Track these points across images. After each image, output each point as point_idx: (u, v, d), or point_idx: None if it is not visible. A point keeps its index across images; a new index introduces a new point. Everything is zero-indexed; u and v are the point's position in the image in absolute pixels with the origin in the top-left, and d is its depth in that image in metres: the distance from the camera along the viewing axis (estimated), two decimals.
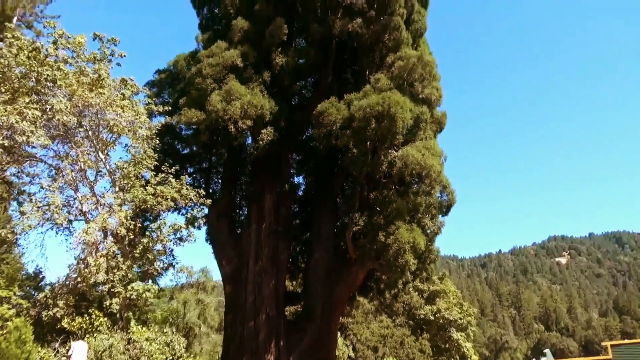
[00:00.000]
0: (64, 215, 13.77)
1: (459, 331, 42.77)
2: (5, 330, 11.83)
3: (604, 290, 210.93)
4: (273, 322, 18.48)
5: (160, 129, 16.97)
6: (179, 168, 16.14)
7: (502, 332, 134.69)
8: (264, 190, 19.75)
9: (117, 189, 14.82)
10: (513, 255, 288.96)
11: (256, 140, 17.41)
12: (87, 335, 13.22)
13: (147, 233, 14.53)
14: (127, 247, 14.31)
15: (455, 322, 42.26)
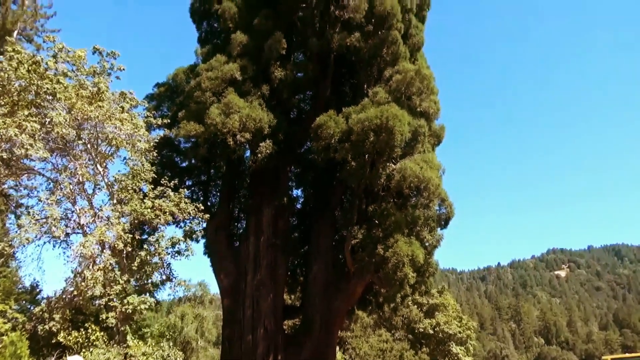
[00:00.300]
0: (62, 228, 13.71)
1: (458, 345, 42.42)
2: (0, 345, 11.71)
3: (604, 303, 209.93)
4: (271, 336, 18.34)
5: (159, 142, 16.99)
6: (177, 181, 16.11)
7: (502, 346, 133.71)
8: (263, 204, 19.74)
9: (115, 202, 14.79)
10: (512, 269, 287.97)
11: (255, 153, 17.45)
12: (83, 350, 13.08)
13: (145, 246, 14.46)
14: (125, 261, 14.24)
15: (455, 336, 41.94)
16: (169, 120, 17.74)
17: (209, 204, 21.53)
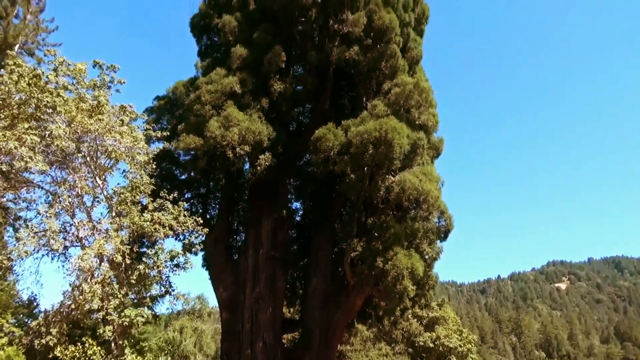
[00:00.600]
0: (60, 241, 13.66)
1: (459, 359, 42.02)
2: None
3: (605, 316, 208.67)
4: (270, 350, 18.18)
5: (158, 155, 17.01)
6: (176, 194, 16.10)
7: None
8: (262, 216, 19.70)
9: (114, 215, 14.75)
10: (512, 281, 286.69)
11: (254, 166, 17.46)
12: None
13: (144, 259, 14.39)
14: (123, 274, 14.16)
15: (455, 350, 41.52)
16: (168, 133, 17.78)
17: (208, 216, 21.49)
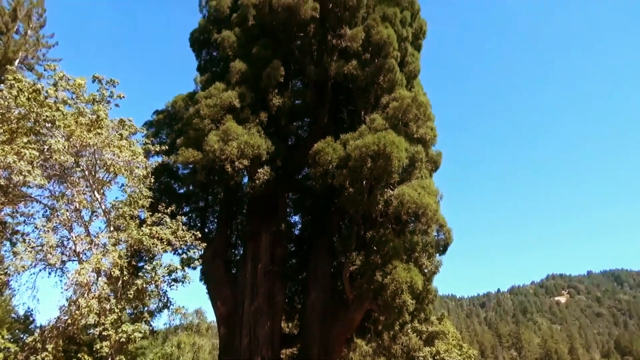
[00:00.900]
0: (57, 255, 13.57)
1: None
2: None
3: (605, 330, 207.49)
4: None
5: (156, 168, 17.00)
6: (175, 208, 16.06)
7: None
8: (260, 230, 19.65)
9: (112, 229, 14.69)
10: (512, 295, 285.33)
11: (253, 180, 17.47)
12: None
13: (141, 274, 14.30)
14: (121, 289, 14.05)
15: None
16: (167, 147, 17.80)
17: (206, 230, 21.43)
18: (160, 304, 14.91)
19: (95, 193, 14.81)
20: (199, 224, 21.52)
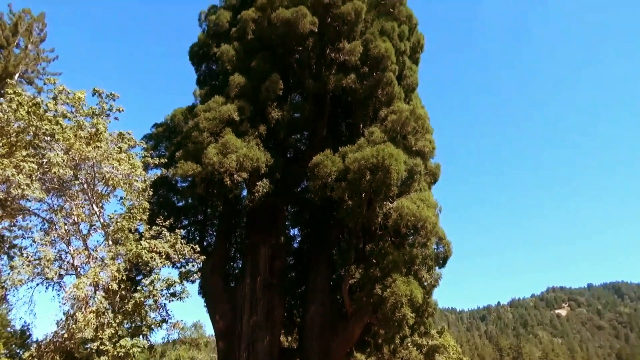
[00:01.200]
0: (55, 269, 13.49)
1: None
2: None
3: (606, 343, 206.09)
4: None
5: (155, 182, 16.98)
6: (173, 221, 16.02)
7: None
8: (259, 243, 19.58)
9: (110, 243, 14.63)
10: (512, 308, 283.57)
11: (252, 193, 17.46)
12: None
13: (139, 288, 14.21)
14: (119, 303, 13.95)
15: None
16: (166, 160, 17.81)
17: (205, 243, 21.36)
18: (159, 318, 14.79)
19: (94, 206, 14.78)
20: (197, 238, 21.46)
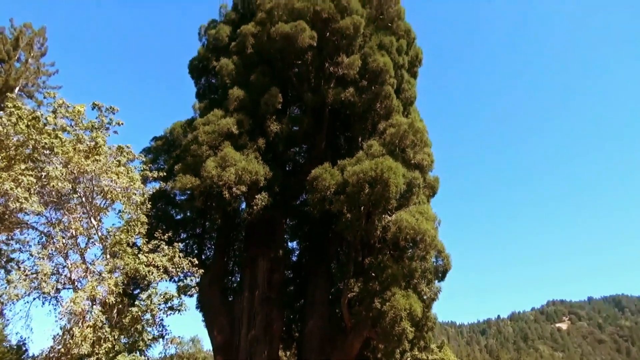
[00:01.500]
0: (52, 283, 13.39)
1: None
2: None
3: (608, 356, 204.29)
4: None
5: (154, 195, 16.94)
6: (172, 234, 15.96)
7: None
8: (258, 256, 19.51)
9: (108, 256, 14.55)
10: (512, 321, 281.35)
11: (250, 206, 17.44)
12: None
13: (137, 302, 14.10)
14: (116, 317, 13.83)
15: None
16: (165, 174, 17.79)
17: (203, 257, 21.27)
18: (156, 333, 14.65)
19: (92, 220, 14.73)
20: (196, 251, 21.37)
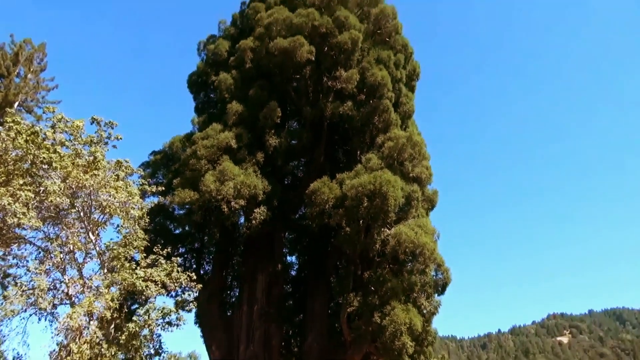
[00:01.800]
0: (49, 299, 13.28)
1: None
2: None
3: None
4: None
5: (152, 209, 16.90)
6: (170, 249, 15.87)
7: None
8: (256, 271, 19.41)
9: (106, 271, 14.45)
10: (513, 335, 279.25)
11: (249, 220, 17.39)
12: None
13: (134, 318, 13.96)
14: (113, 333, 13.69)
15: None
16: (163, 188, 17.77)
17: (201, 271, 21.14)
18: (152, 350, 14.51)
19: (90, 234, 14.66)
20: (194, 265, 21.25)
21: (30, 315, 13.73)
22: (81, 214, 14.53)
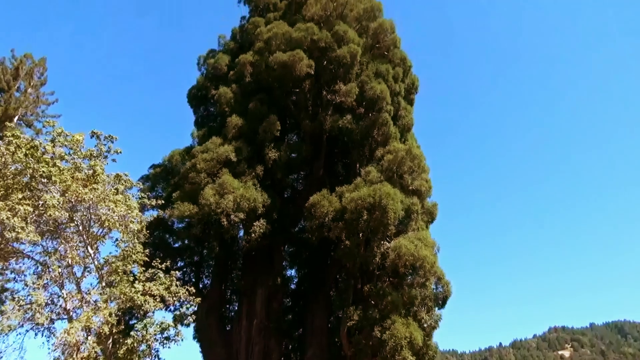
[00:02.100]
0: (46, 314, 13.15)
1: None
2: None
3: None
4: None
5: (152, 223, 16.83)
6: (169, 263, 15.76)
7: None
8: (256, 284, 19.28)
9: (104, 285, 14.34)
10: (514, 349, 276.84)
11: (248, 233, 17.33)
12: None
13: (132, 333, 13.82)
14: (110, 347, 13.54)
15: None
16: (163, 201, 17.72)
17: (200, 285, 21.00)
18: None
19: (89, 248, 14.58)
20: (193, 279, 21.12)
21: (27, 330, 13.59)
22: (80, 227, 14.47)
